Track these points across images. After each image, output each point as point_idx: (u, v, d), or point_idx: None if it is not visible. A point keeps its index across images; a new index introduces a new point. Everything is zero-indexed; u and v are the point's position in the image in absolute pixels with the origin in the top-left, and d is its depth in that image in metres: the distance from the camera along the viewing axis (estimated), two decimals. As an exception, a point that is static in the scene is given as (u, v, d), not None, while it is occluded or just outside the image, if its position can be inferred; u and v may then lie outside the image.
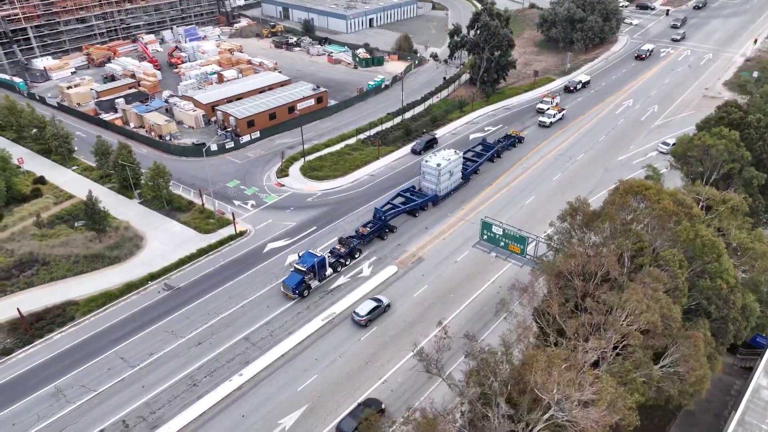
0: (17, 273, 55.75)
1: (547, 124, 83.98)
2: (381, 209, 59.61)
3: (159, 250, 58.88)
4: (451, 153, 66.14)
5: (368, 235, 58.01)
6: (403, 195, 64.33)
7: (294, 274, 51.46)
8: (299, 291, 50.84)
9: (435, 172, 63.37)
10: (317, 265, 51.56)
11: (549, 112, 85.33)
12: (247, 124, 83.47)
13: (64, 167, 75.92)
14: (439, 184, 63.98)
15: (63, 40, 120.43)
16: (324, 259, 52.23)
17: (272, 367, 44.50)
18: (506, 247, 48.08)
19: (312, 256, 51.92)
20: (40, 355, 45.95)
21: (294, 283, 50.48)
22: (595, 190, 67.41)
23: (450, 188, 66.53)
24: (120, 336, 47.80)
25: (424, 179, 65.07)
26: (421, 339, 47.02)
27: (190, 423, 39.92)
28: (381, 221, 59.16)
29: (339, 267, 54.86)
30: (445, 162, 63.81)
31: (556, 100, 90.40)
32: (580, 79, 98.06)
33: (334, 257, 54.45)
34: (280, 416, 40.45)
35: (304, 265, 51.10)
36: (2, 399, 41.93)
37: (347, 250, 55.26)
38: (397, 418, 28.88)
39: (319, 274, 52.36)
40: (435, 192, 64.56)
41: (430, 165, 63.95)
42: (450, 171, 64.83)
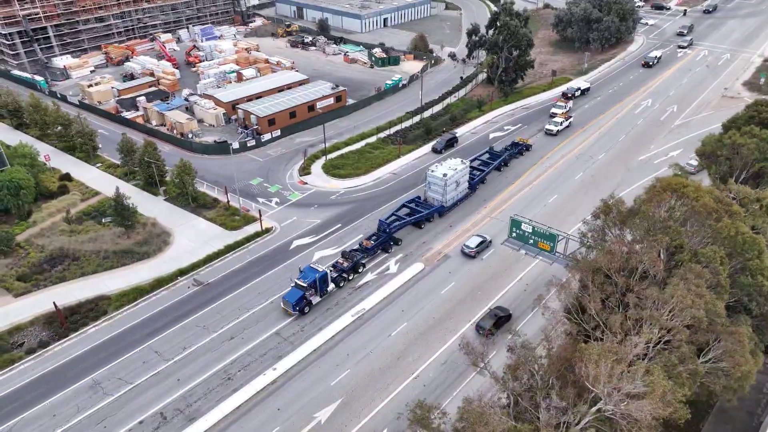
0: (48, 268, 56.59)
1: (554, 132, 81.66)
2: (386, 221, 57.51)
3: (186, 246, 59.55)
4: (458, 162, 63.77)
5: (372, 249, 55.67)
6: (408, 206, 61.88)
7: (294, 289, 49.32)
8: (300, 308, 48.81)
9: (441, 183, 61.14)
10: (319, 281, 49.44)
11: (556, 119, 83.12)
12: (268, 123, 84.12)
13: (89, 164, 76.79)
14: (446, 194, 61.71)
15: (82, 39, 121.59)
16: (326, 274, 50.42)
17: (305, 362, 45.03)
18: (535, 245, 48.41)
19: (314, 271, 49.99)
20: (76, 348, 46.69)
21: (294, 300, 48.49)
22: (618, 190, 67.24)
23: (456, 198, 64.45)
24: (153, 330, 48.47)
25: (429, 189, 62.94)
26: (450, 336, 47.56)
27: (227, 416, 40.49)
28: (386, 234, 56.86)
29: (342, 282, 52.64)
30: (451, 172, 61.45)
31: (569, 105, 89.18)
32: (579, 86, 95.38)
33: (336, 272, 52.60)
34: (315, 410, 40.95)
35: (305, 281, 48.98)
36: (42, 390, 42.67)
37: (350, 264, 53.15)
38: (438, 414, 29.11)
39: (320, 290, 50.19)
40: (441, 203, 62.37)
41: (435, 175, 61.61)
42: (456, 181, 62.57)
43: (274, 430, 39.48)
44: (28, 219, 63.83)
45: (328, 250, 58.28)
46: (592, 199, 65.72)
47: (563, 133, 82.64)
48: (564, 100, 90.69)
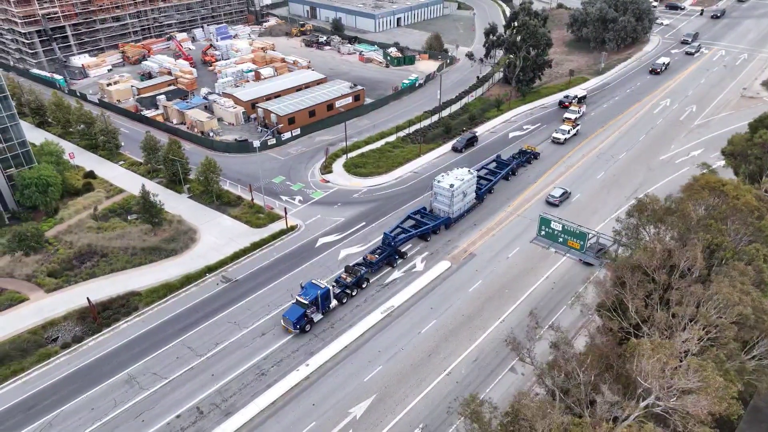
0: (78, 264, 57.18)
1: (561, 141, 79.39)
2: (390, 234, 55.46)
3: (213, 243, 60.01)
4: (465, 172, 61.73)
5: (377, 263, 53.96)
6: (414, 218, 60.10)
7: (295, 306, 47.48)
8: (301, 326, 46.83)
9: (448, 194, 59.02)
10: (321, 298, 47.58)
11: (563, 127, 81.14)
12: (288, 121, 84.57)
13: (112, 162, 77.42)
14: (452, 205, 59.64)
15: (99, 38, 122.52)
16: (328, 291, 48.51)
17: (337, 358, 45.37)
18: (565, 243, 48.61)
19: (315, 288, 48.05)
20: (109, 344, 47.19)
21: (295, 317, 46.54)
22: (641, 189, 67.64)
23: (463, 209, 62.32)
24: (185, 326, 48.92)
25: (435, 200, 60.93)
26: (480, 333, 47.82)
27: (263, 411, 40.85)
28: (390, 247, 54.94)
29: (345, 298, 50.75)
30: (458, 182, 59.34)
31: (582, 108, 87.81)
32: (576, 94, 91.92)
33: (339, 287, 50.89)
34: (349, 405, 41.28)
35: (306, 298, 47.16)
36: (79, 384, 43.18)
37: (354, 279, 51.30)
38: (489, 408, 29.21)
39: (322, 307, 48.41)
40: (447, 214, 60.36)
41: (442, 186, 59.44)
42: (464, 192, 60.54)
43: (310, 425, 39.85)
44: (56, 216, 64.53)
45: (354, 248, 58.63)
46: (615, 198, 66.40)
47: (572, 141, 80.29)
48: (577, 105, 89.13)
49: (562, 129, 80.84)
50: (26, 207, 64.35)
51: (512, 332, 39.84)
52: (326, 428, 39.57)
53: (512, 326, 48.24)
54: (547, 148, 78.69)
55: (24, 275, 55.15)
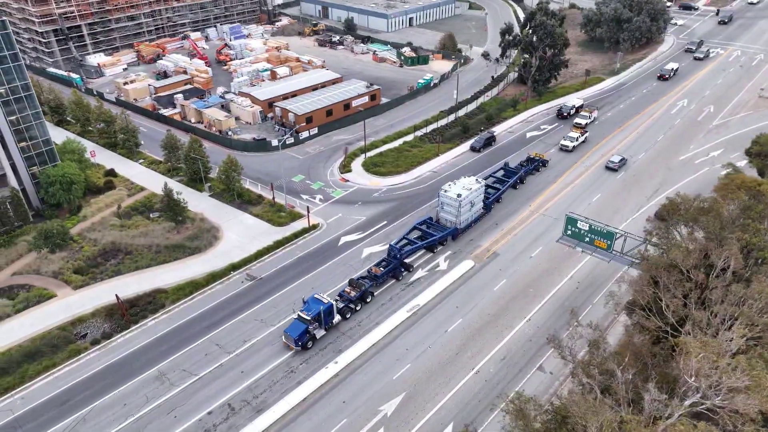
0: (103, 261, 57.59)
1: (570, 148, 76.92)
2: (396, 246, 53.75)
3: (236, 241, 60.31)
4: (473, 181, 59.77)
5: (382, 276, 52.07)
6: (420, 228, 58.33)
7: (297, 322, 45.97)
8: (302, 343, 45.30)
9: (455, 204, 57.13)
10: (323, 313, 45.96)
11: (571, 134, 78.90)
12: (306, 120, 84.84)
13: (131, 161, 77.88)
14: (459, 216, 57.80)
15: (114, 37, 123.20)
16: (331, 306, 46.89)
17: (365, 356, 45.57)
18: (592, 243, 48.61)
19: (318, 303, 46.49)
20: (138, 340, 47.54)
21: (297, 334, 44.97)
22: (661, 189, 67.67)
23: (471, 220, 60.49)
24: (212, 323, 49.22)
25: (442, 210, 59.13)
26: (507, 332, 47.92)
27: (294, 408, 41.10)
28: (396, 260, 53.16)
29: (348, 313, 49.08)
30: (465, 192, 57.48)
31: (593, 115, 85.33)
32: (573, 104, 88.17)
33: (343, 302, 49.32)
34: (380, 403, 41.46)
35: (308, 313, 45.55)
36: (111, 380, 43.54)
37: (358, 293, 49.54)
38: (535, 406, 29.18)
39: (325, 323, 46.75)
40: (454, 225, 58.48)
41: (449, 195, 57.60)
42: (471, 201, 58.70)
43: (341, 422, 40.06)
44: (79, 214, 64.98)
45: (377, 246, 58.78)
46: (636, 198, 66.35)
47: (592, 138, 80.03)
48: (588, 110, 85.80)
49: (571, 136, 78.53)
50: (50, 205, 64.82)
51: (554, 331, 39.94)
52: (357, 426, 39.77)
53: (538, 326, 48.51)
54: (556, 156, 76.41)
55: (50, 272, 55.60)
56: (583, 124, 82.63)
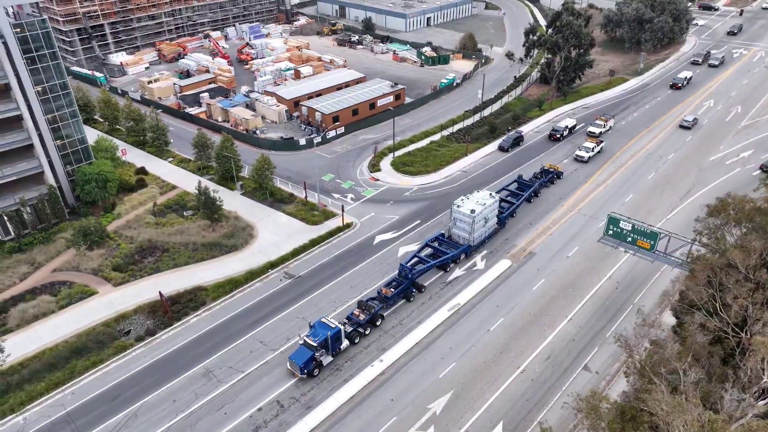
0: (140, 259, 57.94)
1: (585, 159, 74.03)
2: (407, 265, 51.13)
3: (271, 240, 60.56)
4: (486, 196, 57.23)
5: (392, 297, 49.61)
6: (431, 245, 56.01)
7: (303, 348, 43.58)
8: (308, 370, 42.89)
9: (469, 219, 54.66)
10: (331, 339, 43.68)
11: (587, 145, 75.74)
12: (333, 120, 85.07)
13: (161, 159, 78.31)
14: (473, 232, 55.29)
15: (135, 36, 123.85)
16: (339, 331, 44.32)
17: (409, 354, 45.67)
18: (634, 243, 48.54)
19: (325, 328, 43.96)
20: (182, 337, 47.81)
21: (302, 361, 42.66)
22: (694, 190, 67.59)
23: (484, 236, 58.16)
24: (254, 321, 49.44)
25: (455, 226, 56.73)
26: (549, 331, 47.93)
27: (343, 405, 41.25)
28: (408, 280, 50.72)
29: (357, 337, 46.53)
30: (480, 207, 55.10)
31: (609, 124, 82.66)
32: (567, 124, 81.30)
33: (351, 325, 46.73)
34: (428, 401, 41.56)
35: (315, 339, 43.10)
36: (158, 377, 43.83)
37: (368, 316, 47.08)
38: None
39: (332, 349, 44.43)
40: (468, 241, 55.97)
41: (462, 211, 55.05)
42: (485, 217, 56.26)
43: (390, 420, 40.18)
44: (113, 211, 65.40)
45: (413, 245, 58.83)
46: (669, 198, 66.23)
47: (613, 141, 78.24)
48: (604, 119, 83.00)
49: (586, 146, 75.51)
50: (84, 202, 65.28)
51: (624, 330, 39.79)
52: (407, 424, 39.89)
53: (580, 325, 48.50)
54: (570, 167, 73.47)
55: (90, 269, 56.01)
56: (597, 133, 79.80)
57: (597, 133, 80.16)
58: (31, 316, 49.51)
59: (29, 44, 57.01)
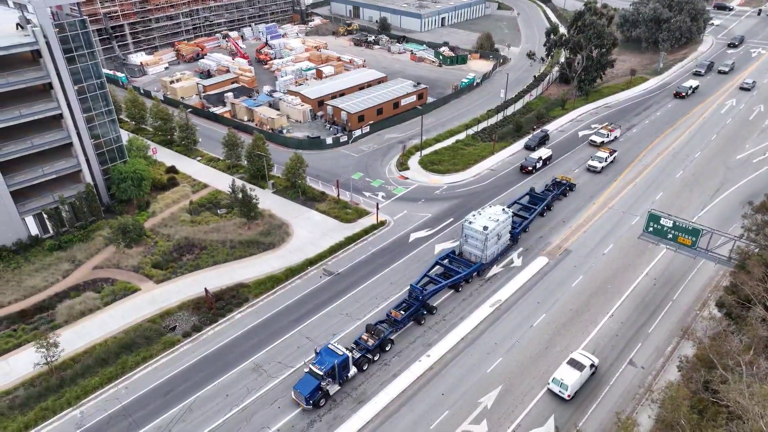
0: (178, 256, 58.47)
1: (598, 169, 71.96)
2: (418, 287, 48.89)
3: (307, 237, 61.05)
4: (499, 212, 55.25)
5: (403, 321, 47.35)
6: (442, 264, 53.92)
7: (309, 377, 41.32)
8: (314, 401, 40.63)
9: (481, 237, 52.68)
10: (338, 367, 41.42)
11: (600, 155, 73.54)
12: (358, 119, 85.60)
13: (189, 158, 78.84)
14: (486, 249, 53.22)
15: (153, 36, 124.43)
16: (347, 359, 42.07)
17: (455, 350, 46.17)
18: (675, 240, 48.98)
19: (332, 356, 41.67)
20: (228, 333, 48.32)
21: (308, 392, 40.30)
22: (723, 188, 68.09)
23: (497, 253, 55.94)
24: (298, 317, 49.94)
25: (467, 243, 54.66)
26: (592, 327, 48.43)
27: (394, 399, 41.77)
28: (419, 301, 48.55)
29: (366, 364, 44.36)
30: (492, 224, 53.03)
31: (614, 133, 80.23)
32: (540, 155, 74.00)
33: (360, 351, 44.51)
34: (478, 396, 42.04)
35: (321, 368, 40.81)
36: (209, 371, 44.33)
37: (377, 341, 44.85)
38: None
39: (340, 377, 42.13)
40: (480, 259, 53.89)
41: (474, 228, 52.93)
42: (498, 234, 54.13)
43: (443, 414, 40.67)
44: (147, 209, 65.93)
45: (448, 242, 59.37)
46: (699, 196, 66.75)
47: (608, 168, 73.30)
48: (609, 128, 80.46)
49: (599, 156, 73.33)
50: (119, 201, 65.83)
51: (689, 324, 39.75)
52: (460, 418, 40.38)
53: (622, 321, 48.98)
54: (583, 177, 71.43)
55: (130, 266, 56.53)
56: (598, 143, 78.07)
57: (599, 143, 78.13)
58: (78, 312, 50.07)
59: (69, 44, 57.55)
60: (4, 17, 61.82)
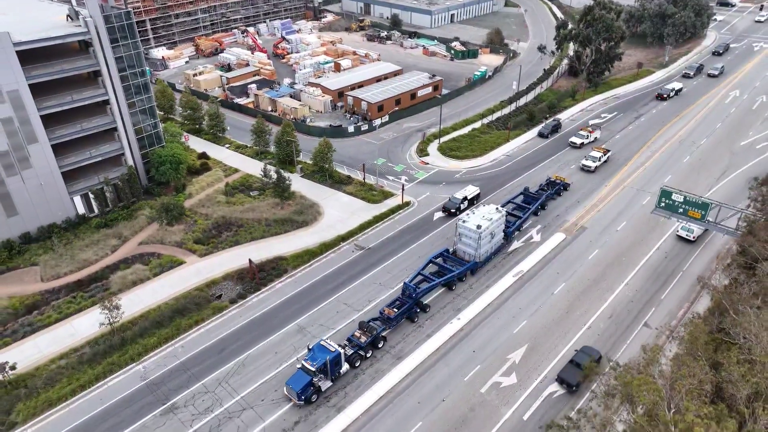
0: (217, 233, 62.23)
1: (592, 169, 72.41)
2: (411, 284, 49.55)
3: (337, 216, 64.82)
4: (493, 210, 55.91)
5: (396, 318, 47.71)
6: (436, 262, 54.33)
7: (301, 373, 41.76)
8: (306, 396, 40.96)
9: (475, 235, 53.17)
10: (330, 364, 41.86)
11: (593, 154, 74.05)
12: (378, 109, 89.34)
13: (218, 145, 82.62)
14: (479, 248, 53.72)
15: (173, 32, 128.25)
16: (339, 355, 42.48)
17: (483, 314, 49.97)
18: (686, 213, 52.70)
19: (324, 352, 42.15)
20: (271, 300, 52.11)
21: (300, 387, 40.72)
22: (728, 172, 71.83)
23: (491, 252, 56.49)
24: (335, 286, 53.73)
25: (460, 242, 55.12)
26: (609, 294, 52.18)
27: (430, 355, 45.56)
28: (412, 299, 48.85)
29: (358, 361, 44.64)
30: (486, 222, 53.61)
31: (594, 135, 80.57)
32: (465, 195, 65.55)
33: (352, 348, 44.82)
34: (507, 352, 45.85)
35: (314, 364, 41.30)
36: (257, 333, 48.10)
37: (369, 338, 45.14)
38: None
39: (332, 373, 42.55)
40: (474, 258, 54.44)
41: (468, 226, 53.49)
42: (492, 233, 54.69)
43: (475, 368, 44.42)
44: (184, 191, 69.67)
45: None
46: (706, 179, 70.51)
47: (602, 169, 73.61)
48: (589, 130, 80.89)
49: (593, 156, 73.99)
50: (157, 183, 69.56)
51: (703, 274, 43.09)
52: (491, 371, 44.14)
53: (636, 289, 52.75)
54: (576, 176, 71.92)
55: (173, 242, 60.29)
56: (578, 144, 78.66)
57: (579, 144, 78.87)
58: (130, 281, 53.86)
59: (116, 34, 61.36)
60: (47, 11, 65.74)
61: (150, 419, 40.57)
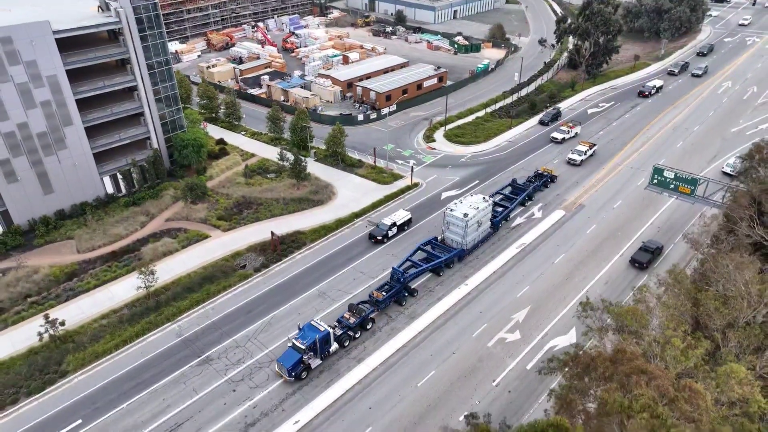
0: (238, 211, 66.34)
1: (578, 162, 74.28)
2: (399, 269, 51.22)
3: (350, 196, 68.92)
4: (480, 200, 57.75)
5: (384, 301, 49.78)
6: (424, 249, 56.09)
7: (291, 351, 43.54)
8: (296, 373, 42.78)
9: (462, 224, 55.15)
10: (320, 342, 43.55)
11: (579, 148, 75.42)
12: (386, 98, 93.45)
13: (234, 132, 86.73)
14: (466, 236, 55.71)
15: (185, 27, 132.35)
16: (328, 334, 44.21)
17: (489, 280, 54.12)
18: (676, 189, 56.83)
19: (314, 331, 43.83)
20: (292, 269, 56.22)
21: (290, 364, 42.60)
22: (719, 155, 75.99)
23: (478, 240, 58.55)
24: (351, 257, 57.83)
25: (448, 230, 57.20)
26: (605, 264, 56.32)
27: (441, 316, 49.70)
28: (400, 284, 50.84)
29: (347, 340, 46.36)
30: (473, 211, 55.53)
31: (575, 130, 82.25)
32: (394, 221, 61.06)
33: (341, 328, 46.61)
34: (511, 313, 49.99)
35: (304, 342, 42.92)
36: (280, 297, 52.20)
37: (358, 320, 46.97)
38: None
39: (321, 351, 44.27)
40: (461, 245, 56.38)
41: (455, 215, 55.52)
42: (479, 221, 56.74)
43: (483, 326, 48.60)
44: (205, 173, 73.76)
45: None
46: (698, 162, 74.64)
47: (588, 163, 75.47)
48: (570, 125, 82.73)
49: (579, 150, 75.44)
50: (179, 165, 73.62)
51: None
52: (497, 328, 48.29)
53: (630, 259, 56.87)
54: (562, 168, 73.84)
55: (198, 219, 64.36)
56: (559, 139, 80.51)
57: (560, 139, 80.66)
58: (161, 252, 57.93)
59: (143, 24, 65.44)
60: (76, 4, 69.79)
61: (188, 369, 44.70)
